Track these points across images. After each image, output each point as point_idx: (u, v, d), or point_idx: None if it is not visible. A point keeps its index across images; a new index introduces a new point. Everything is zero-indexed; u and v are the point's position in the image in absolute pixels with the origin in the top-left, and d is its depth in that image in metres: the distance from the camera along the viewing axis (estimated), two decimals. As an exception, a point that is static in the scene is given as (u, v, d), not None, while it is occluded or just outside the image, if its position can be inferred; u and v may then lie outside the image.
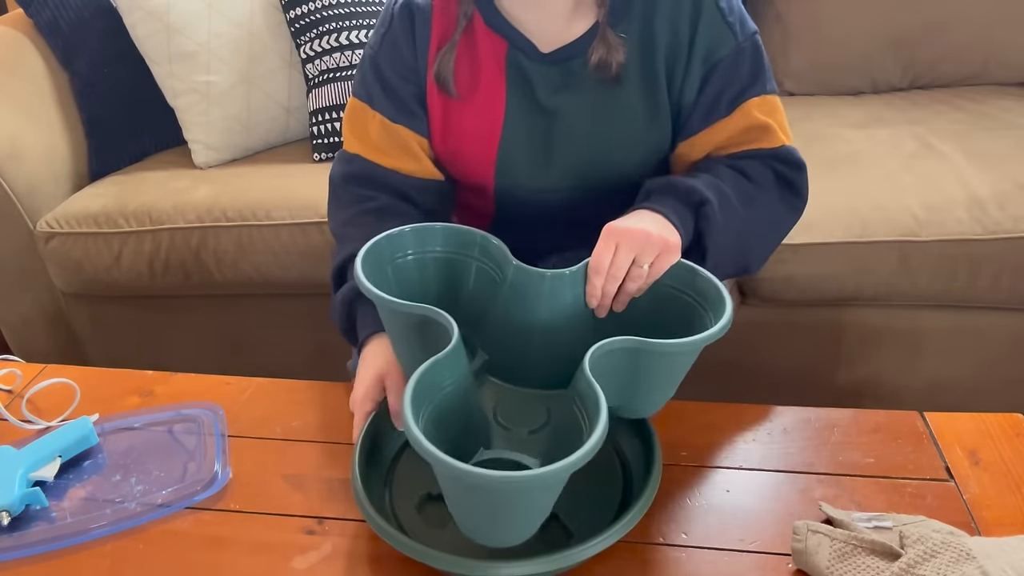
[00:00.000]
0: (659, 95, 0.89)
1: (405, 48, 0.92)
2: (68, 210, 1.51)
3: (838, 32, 1.69)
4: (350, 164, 0.95)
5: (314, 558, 0.72)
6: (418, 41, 0.92)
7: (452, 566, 0.65)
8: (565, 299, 0.77)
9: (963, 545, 0.64)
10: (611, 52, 0.86)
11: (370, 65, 0.94)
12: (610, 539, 0.67)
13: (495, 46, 0.90)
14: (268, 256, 1.44)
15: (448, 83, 0.91)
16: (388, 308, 0.73)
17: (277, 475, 0.82)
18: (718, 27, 0.86)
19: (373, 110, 0.93)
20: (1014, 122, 1.51)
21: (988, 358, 1.38)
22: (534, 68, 0.90)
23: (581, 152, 0.91)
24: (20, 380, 0.97)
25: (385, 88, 0.93)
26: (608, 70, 0.87)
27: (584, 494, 0.74)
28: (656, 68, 0.88)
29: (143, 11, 1.55)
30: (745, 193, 0.87)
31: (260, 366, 1.53)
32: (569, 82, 0.89)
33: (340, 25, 1.57)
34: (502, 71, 0.90)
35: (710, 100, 0.88)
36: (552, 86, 0.90)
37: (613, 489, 0.77)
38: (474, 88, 0.91)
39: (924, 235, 1.27)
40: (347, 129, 0.96)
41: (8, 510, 0.76)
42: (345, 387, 0.95)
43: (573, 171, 0.92)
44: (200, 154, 1.62)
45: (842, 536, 0.67)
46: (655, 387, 0.74)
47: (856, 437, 0.83)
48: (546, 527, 0.69)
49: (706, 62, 0.87)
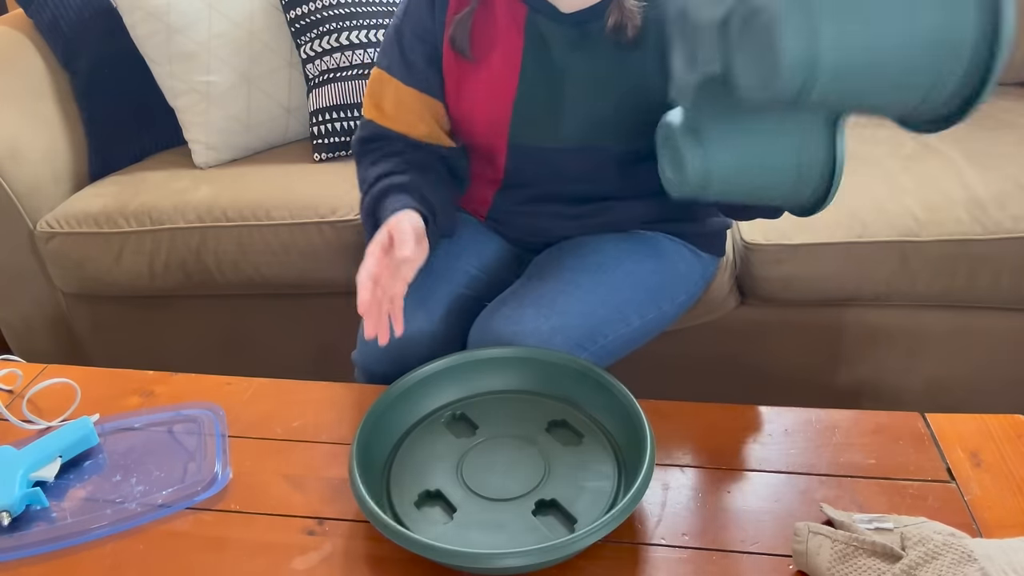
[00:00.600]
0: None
1: (425, 11, 0.98)
2: (68, 210, 1.51)
3: (838, 32, 1.69)
4: (365, 128, 1.04)
5: (314, 558, 0.72)
6: (437, 7, 0.98)
7: (452, 558, 0.66)
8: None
9: (964, 547, 0.64)
10: (626, 16, 0.89)
11: (394, 33, 1.00)
12: (605, 528, 0.67)
13: (514, 10, 0.95)
14: (268, 256, 1.44)
15: (464, 47, 0.96)
16: None
17: (277, 475, 0.82)
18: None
19: (390, 75, 1.00)
20: (1014, 122, 1.51)
21: (988, 358, 1.38)
22: (552, 28, 0.93)
23: (592, 110, 0.94)
24: (20, 380, 0.97)
25: (403, 53, 0.99)
26: (624, 33, 0.90)
27: (584, 490, 0.75)
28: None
29: (143, 11, 1.55)
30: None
31: (260, 366, 1.53)
32: (585, 43, 0.93)
33: (340, 25, 1.57)
34: (520, 34, 0.94)
35: None
36: (568, 45, 0.93)
37: (609, 485, 0.77)
38: (490, 51, 0.96)
39: (924, 235, 1.26)
40: (367, 96, 1.04)
41: (8, 510, 0.76)
42: (346, 387, 0.95)
43: (583, 129, 0.95)
44: (200, 154, 1.62)
45: (843, 537, 0.67)
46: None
47: (857, 438, 0.82)
48: (546, 517, 0.71)
49: None
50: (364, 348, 1.01)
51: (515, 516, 0.73)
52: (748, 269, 1.31)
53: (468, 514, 0.74)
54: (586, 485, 0.76)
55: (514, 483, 0.77)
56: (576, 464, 0.78)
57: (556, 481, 0.77)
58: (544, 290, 0.97)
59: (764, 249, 1.28)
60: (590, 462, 0.78)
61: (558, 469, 0.78)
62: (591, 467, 0.78)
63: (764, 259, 1.29)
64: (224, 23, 1.57)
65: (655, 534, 0.73)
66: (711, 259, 1.14)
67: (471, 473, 0.78)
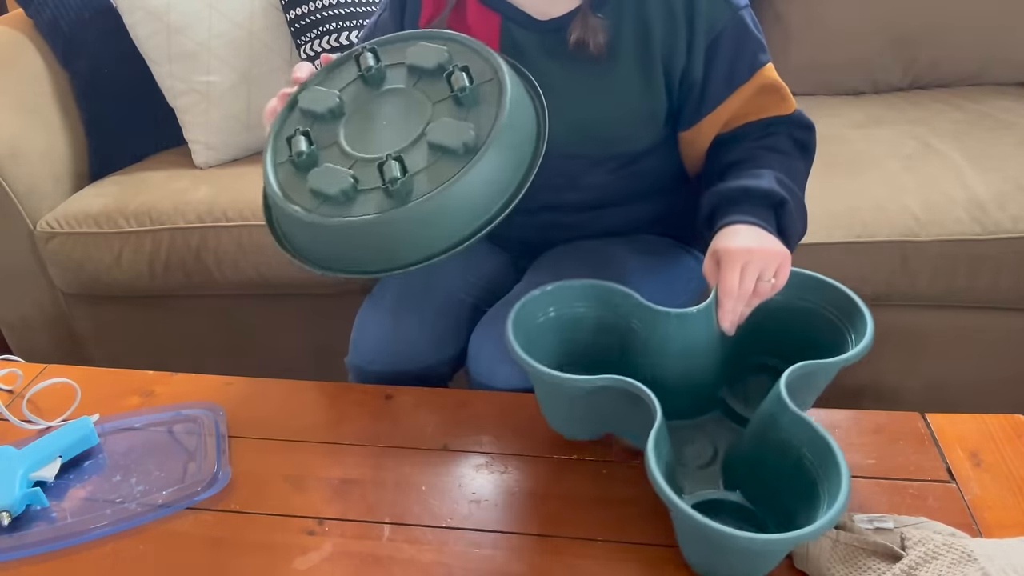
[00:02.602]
0: (654, 72, 0.91)
1: (394, 25, 0.98)
2: (68, 210, 1.51)
3: (838, 32, 1.68)
4: None
5: (314, 558, 0.72)
6: (406, 22, 0.97)
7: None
8: (694, 334, 0.78)
9: (964, 547, 0.64)
10: (589, 33, 0.89)
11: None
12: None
13: (487, 21, 0.94)
14: (268, 256, 1.44)
15: None
16: (573, 385, 0.73)
17: (277, 475, 0.82)
18: (713, 2, 0.89)
19: None
20: (1014, 122, 1.51)
21: (988, 358, 1.38)
22: (526, 36, 0.93)
23: (570, 120, 0.93)
24: (21, 380, 0.97)
25: None
26: (586, 49, 0.89)
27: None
28: (652, 46, 0.90)
29: (143, 11, 1.55)
30: (791, 172, 0.90)
31: (260, 366, 1.53)
32: (560, 51, 0.92)
33: (340, 25, 1.56)
34: (496, 44, 0.93)
35: (725, 68, 0.91)
36: (543, 53, 0.92)
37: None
38: None
39: (924, 235, 1.26)
40: None
41: (8, 510, 0.76)
42: (345, 387, 0.95)
43: (563, 137, 0.94)
44: (200, 154, 1.62)
45: (843, 538, 0.67)
46: (810, 399, 0.79)
47: (857, 438, 0.82)
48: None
49: (708, 34, 0.90)
50: (357, 349, 1.01)
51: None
52: (748, 269, 1.31)
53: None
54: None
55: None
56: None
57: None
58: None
59: (764, 249, 1.28)
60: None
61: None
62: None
63: (764, 259, 1.29)
64: (224, 23, 1.57)
65: (657, 533, 0.72)
66: None
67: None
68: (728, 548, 0.63)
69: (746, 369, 0.84)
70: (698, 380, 0.80)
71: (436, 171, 0.74)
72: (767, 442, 0.70)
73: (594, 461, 0.81)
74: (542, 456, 0.82)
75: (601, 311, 0.82)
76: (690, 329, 0.78)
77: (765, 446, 0.70)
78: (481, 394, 0.93)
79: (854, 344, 0.73)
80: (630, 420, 0.73)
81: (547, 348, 0.80)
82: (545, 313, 0.81)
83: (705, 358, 0.80)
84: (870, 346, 0.72)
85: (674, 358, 0.79)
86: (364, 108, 0.82)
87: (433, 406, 0.90)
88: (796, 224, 0.88)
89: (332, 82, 0.85)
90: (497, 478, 0.80)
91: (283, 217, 0.80)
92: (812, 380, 0.75)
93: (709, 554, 0.66)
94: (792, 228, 0.87)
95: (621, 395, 0.72)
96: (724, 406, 0.82)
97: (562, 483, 0.79)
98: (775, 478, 0.69)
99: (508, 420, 0.87)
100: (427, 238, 0.75)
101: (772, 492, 0.70)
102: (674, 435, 0.77)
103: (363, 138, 0.80)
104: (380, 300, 1.04)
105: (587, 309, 0.82)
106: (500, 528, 0.75)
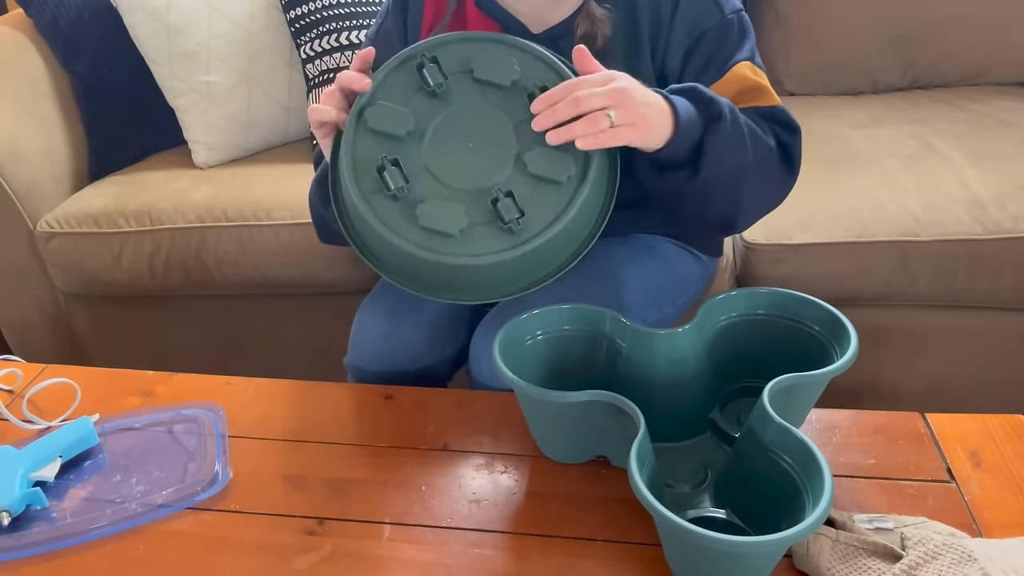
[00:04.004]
0: (642, 65, 0.92)
1: (396, 36, 0.98)
2: (68, 210, 1.51)
3: (838, 32, 1.68)
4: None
5: (314, 558, 0.72)
6: (410, 26, 0.97)
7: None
8: (681, 352, 0.79)
9: (964, 547, 0.64)
10: (596, 25, 0.89)
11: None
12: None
13: (487, 28, 0.94)
14: (268, 256, 1.44)
15: None
16: (559, 401, 0.72)
17: (277, 475, 0.82)
18: (701, 3, 0.90)
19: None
20: (1014, 122, 1.51)
21: (988, 358, 1.38)
22: None
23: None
24: (21, 380, 0.97)
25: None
26: (593, 42, 0.89)
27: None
28: (640, 40, 0.91)
29: (143, 11, 1.55)
30: (753, 133, 0.87)
31: (260, 366, 1.53)
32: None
33: (340, 25, 1.56)
34: None
35: (699, 66, 0.91)
36: None
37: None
38: None
39: (924, 235, 1.26)
40: None
41: (8, 510, 0.76)
42: (345, 387, 0.95)
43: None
44: (200, 154, 1.62)
45: (843, 538, 0.67)
46: (801, 416, 0.80)
47: (857, 438, 0.83)
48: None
49: (690, 34, 0.90)
50: (356, 349, 1.01)
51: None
52: (748, 269, 1.31)
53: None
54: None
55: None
56: None
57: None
58: (545, 295, 0.97)
59: (764, 249, 1.28)
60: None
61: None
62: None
63: (764, 259, 1.29)
64: (224, 23, 1.57)
65: (656, 533, 0.72)
66: (710, 259, 1.14)
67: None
68: (710, 554, 0.63)
69: (736, 392, 0.84)
70: (688, 401, 0.81)
71: (542, 203, 0.76)
72: (754, 457, 0.70)
73: (594, 462, 0.81)
74: (542, 456, 0.82)
75: (588, 332, 0.82)
76: (678, 347, 0.78)
77: (752, 461, 0.70)
78: (481, 394, 0.93)
79: (839, 357, 0.74)
80: (619, 440, 0.73)
81: (535, 371, 0.80)
82: (533, 336, 0.81)
83: (694, 378, 0.80)
84: (854, 359, 0.73)
85: (663, 377, 0.79)
86: (441, 128, 0.80)
87: (433, 406, 0.90)
88: (721, 161, 0.82)
89: (393, 94, 0.81)
90: (497, 478, 0.80)
91: (382, 246, 0.78)
92: (799, 394, 0.75)
93: (693, 562, 0.66)
94: (714, 154, 0.81)
95: (608, 412, 0.72)
96: (715, 428, 0.82)
97: (562, 483, 0.79)
98: (763, 493, 0.69)
99: (508, 420, 0.87)
100: (535, 268, 0.78)
101: (761, 508, 0.69)
102: (666, 456, 0.78)
103: (454, 164, 0.78)
104: (379, 300, 1.04)
105: (574, 330, 0.82)
106: (500, 528, 0.75)
